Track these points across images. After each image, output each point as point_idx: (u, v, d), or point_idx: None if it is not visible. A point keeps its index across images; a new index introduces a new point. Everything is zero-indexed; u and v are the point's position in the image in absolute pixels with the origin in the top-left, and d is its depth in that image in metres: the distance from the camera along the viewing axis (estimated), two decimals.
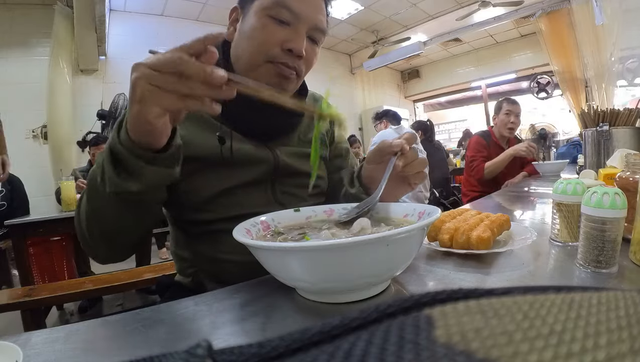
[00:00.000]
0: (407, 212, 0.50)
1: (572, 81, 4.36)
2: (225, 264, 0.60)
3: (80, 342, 0.35)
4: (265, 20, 0.56)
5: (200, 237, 0.61)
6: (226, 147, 0.59)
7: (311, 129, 0.70)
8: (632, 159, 0.52)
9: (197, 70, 0.36)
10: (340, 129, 0.79)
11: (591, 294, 0.10)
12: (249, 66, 0.59)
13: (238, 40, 0.61)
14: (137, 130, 0.41)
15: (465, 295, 0.11)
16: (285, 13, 0.56)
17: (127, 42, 4.07)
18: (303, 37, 0.57)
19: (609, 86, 3.79)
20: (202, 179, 0.59)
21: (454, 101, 7.13)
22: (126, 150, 0.42)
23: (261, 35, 0.57)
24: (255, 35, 0.57)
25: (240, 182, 0.60)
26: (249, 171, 0.61)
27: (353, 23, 4.89)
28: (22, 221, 1.73)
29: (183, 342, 0.34)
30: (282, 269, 0.37)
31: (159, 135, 0.42)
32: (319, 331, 0.10)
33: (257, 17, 0.57)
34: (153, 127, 0.40)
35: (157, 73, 0.37)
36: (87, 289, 1.49)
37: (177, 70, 0.36)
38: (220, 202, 0.59)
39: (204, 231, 0.61)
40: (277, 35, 0.56)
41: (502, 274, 0.45)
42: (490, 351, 0.08)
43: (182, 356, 0.10)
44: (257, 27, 0.57)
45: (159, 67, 0.37)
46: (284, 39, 0.56)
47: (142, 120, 0.39)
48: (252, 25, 0.57)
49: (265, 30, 0.56)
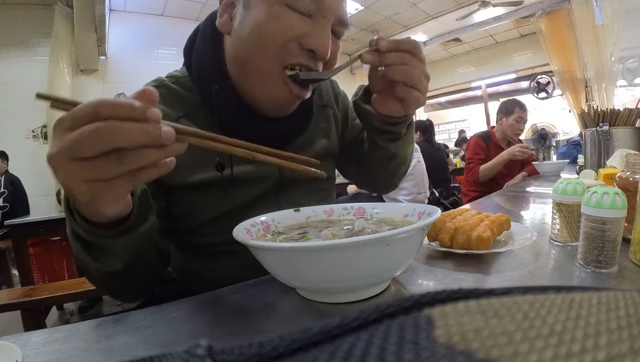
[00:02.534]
0: (407, 212, 0.50)
1: (572, 81, 4.36)
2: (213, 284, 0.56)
3: (80, 342, 0.35)
4: (279, 9, 0.43)
5: (199, 260, 0.57)
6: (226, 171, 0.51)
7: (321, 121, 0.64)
8: (632, 159, 0.52)
9: (141, 138, 0.26)
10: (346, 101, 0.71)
11: (591, 294, 0.10)
12: (254, 72, 0.47)
13: (238, 33, 0.47)
14: (91, 218, 0.34)
15: (465, 295, 0.11)
16: (307, 2, 0.43)
17: (127, 42, 4.08)
18: (329, 33, 0.45)
19: (609, 86, 3.79)
20: (199, 202, 0.52)
21: (454, 101, 7.13)
22: (88, 233, 0.36)
23: (274, 27, 0.43)
24: (265, 26, 0.44)
25: (242, 203, 0.54)
26: (252, 190, 0.54)
27: (353, 23, 4.89)
28: (22, 221, 1.74)
29: (183, 342, 0.34)
30: (282, 269, 0.37)
31: (119, 213, 0.34)
32: (319, 331, 0.10)
33: (268, 3, 0.44)
34: (110, 215, 0.34)
35: (90, 164, 0.26)
36: (87, 289, 1.49)
37: (113, 148, 0.26)
38: (220, 226, 0.52)
39: (203, 252, 0.56)
40: (295, 28, 0.44)
41: (502, 274, 0.45)
42: (490, 351, 0.08)
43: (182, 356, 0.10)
44: (267, 17, 0.43)
45: (87, 153, 0.26)
46: (304, 33, 0.44)
47: (92, 214, 0.33)
48: (260, 14, 0.44)
49: (280, 21, 0.43)
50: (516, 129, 2.00)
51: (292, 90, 0.48)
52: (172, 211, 0.52)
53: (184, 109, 0.52)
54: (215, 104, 0.50)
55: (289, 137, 0.56)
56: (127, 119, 0.26)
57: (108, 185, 0.28)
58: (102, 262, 0.38)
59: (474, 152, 2.03)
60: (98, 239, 0.36)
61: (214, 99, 0.49)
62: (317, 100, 0.64)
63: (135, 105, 0.26)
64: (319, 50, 0.45)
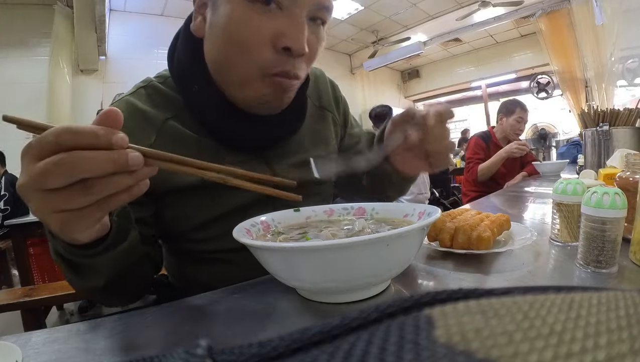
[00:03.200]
0: (407, 212, 0.50)
1: (572, 81, 4.36)
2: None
3: (80, 342, 0.35)
4: (244, 7, 0.40)
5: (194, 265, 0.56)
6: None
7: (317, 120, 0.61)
8: (632, 159, 0.52)
9: (107, 166, 0.25)
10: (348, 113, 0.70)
11: (591, 294, 0.10)
12: (235, 80, 0.45)
13: (211, 37, 0.45)
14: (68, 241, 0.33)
15: (465, 295, 0.11)
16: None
17: (127, 42, 4.08)
18: (303, 25, 0.41)
19: (609, 86, 3.79)
20: (190, 206, 0.50)
21: (454, 101, 7.12)
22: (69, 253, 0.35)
23: (243, 31, 0.40)
24: (233, 31, 0.41)
25: (236, 206, 0.51)
26: (242, 193, 0.49)
27: (353, 23, 4.89)
28: (22, 221, 1.73)
29: (183, 342, 0.34)
30: (282, 269, 0.37)
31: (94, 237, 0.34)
32: (319, 331, 0.10)
33: (232, 2, 0.41)
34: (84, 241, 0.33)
35: (58, 195, 0.26)
36: None
37: (78, 179, 0.25)
38: (213, 230, 0.51)
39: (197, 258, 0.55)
40: (263, 29, 0.40)
41: (502, 274, 0.45)
42: (491, 351, 0.08)
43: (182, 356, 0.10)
44: (234, 19, 0.40)
45: (53, 184, 0.25)
46: (276, 33, 0.41)
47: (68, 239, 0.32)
48: (227, 14, 0.41)
49: (248, 24, 0.40)
50: (517, 129, 2.00)
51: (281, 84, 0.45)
52: (163, 216, 0.51)
53: (171, 110, 0.50)
54: (195, 104, 0.48)
55: (278, 137, 0.53)
56: (91, 147, 0.25)
57: (78, 214, 0.27)
58: (85, 280, 0.38)
59: (473, 151, 2.04)
60: (79, 259, 0.36)
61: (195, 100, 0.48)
62: (314, 99, 0.62)
63: (99, 133, 0.25)
64: (294, 48, 0.41)
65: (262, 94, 0.45)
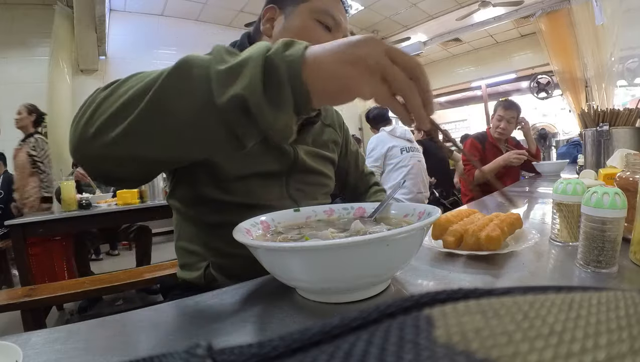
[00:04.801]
0: (407, 212, 0.50)
1: (572, 81, 4.36)
2: (237, 259, 0.59)
3: (80, 342, 0.35)
4: (312, 24, 0.61)
5: (213, 230, 0.62)
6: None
7: (323, 132, 0.77)
8: (632, 159, 0.52)
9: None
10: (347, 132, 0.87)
11: (591, 294, 0.10)
12: None
13: (280, 34, 0.63)
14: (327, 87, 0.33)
15: (465, 295, 0.11)
16: (330, 20, 0.61)
17: (127, 42, 4.08)
18: None
19: (609, 86, 3.79)
20: (224, 159, 0.59)
21: (454, 101, 7.12)
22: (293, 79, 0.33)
23: (310, 36, 0.59)
24: (304, 34, 0.60)
25: (259, 171, 0.61)
26: (269, 162, 0.62)
27: (353, 23, 4.89)
28: (22, 221, 1.73)
29: (183, 342, 0.34)
30: (282, 269, 0.37)
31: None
32: (319, 331, 0.10)
33: (304, 18, 0.61)
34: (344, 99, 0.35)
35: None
36: (87, 289, 1.49)
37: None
38: (237, 187, 0.60)
39: (216, 221, 0.61)
40: (323, 39, 0.57)
41: (502, 274, 0.45)
42: (491, 351, 0.08)
43: (182, 356, 0.10)
44: (305, 28, 0.61)
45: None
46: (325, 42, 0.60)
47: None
48: (299, 25, 0.61)
49: (315, 33, 0.60)
50: (497, 128, 2.01)
51: None
52: (199, 165, 0.56)
53: None
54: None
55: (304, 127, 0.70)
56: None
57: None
58: (272, 105, 0.33)
59: (470, 153, 2.04)
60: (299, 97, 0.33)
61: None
62: (322, 117, 0.77)
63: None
64: None
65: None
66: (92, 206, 1.91)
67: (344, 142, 0.86)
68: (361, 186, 0.92)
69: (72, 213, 1.80)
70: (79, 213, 1.80)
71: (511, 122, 2.00)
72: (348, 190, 0.92)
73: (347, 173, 0.89)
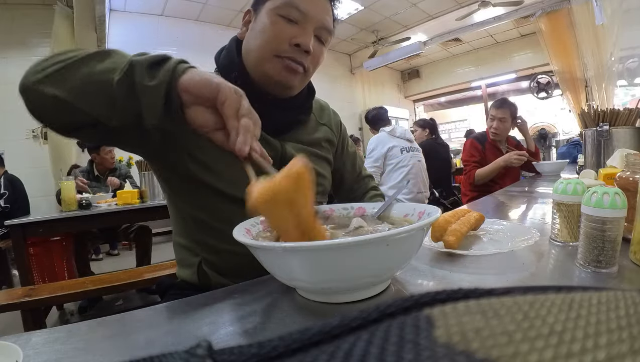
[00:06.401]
0: (407, 212, 0.50)
1: (572, 81, 4.36)
2: (226, 255, 0.60)
3: (80, 342, 0.35)
4: (275, 19, 0.60)
5: (201, 225, 0.62)
6: None
7: (316, 130, 0.75)
8: (632, 159, 0.52)
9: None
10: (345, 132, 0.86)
11: (591, 294, 0.10)
12: (258, 60, 0.62)
13: (249, 37, 0.64)
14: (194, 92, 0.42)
15: (465, 295, 0.11)
16: (295, 12, 0.60)
17: (127, 42, 4.08)
18: (310, 34, 0.61)
19: (609, 86, 3.79)
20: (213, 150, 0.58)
21: (454, 101, 7.13)
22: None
23: (271, 31, 0.60)
24: (266, 31, 0.60)
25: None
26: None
27: (353, 23, 4.89)
28: (22, 221, 1.73)
29: (183, 342, 0.34)
30: (282, 269, 0.37)
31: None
32: (319, 331, 0.10)
33: (268, 15, 0.60)
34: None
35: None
36: (87, 289, 1.49)
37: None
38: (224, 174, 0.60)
39: (205, 215, 0.61)
40: (286, 32, 0.60)
41: (502, 274, 0.45)
42: (491, 351, 0.08)
43: (182, 356, 0.10)
44: (267, 25, 0.60)
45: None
46: (292, 35, 0.60)
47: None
48: (263, 23, 0.61)
49: (275, 27, 0.60)
50: (491, 128, 2.01)
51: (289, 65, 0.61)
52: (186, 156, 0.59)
53: None
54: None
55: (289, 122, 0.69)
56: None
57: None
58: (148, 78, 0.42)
59: (469, 154, 2.04)
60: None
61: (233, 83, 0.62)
62: (317, 117, 0.77)
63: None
64: (302, 44, 0.59)
65: (275, 72, 0.61)
66: (92, 206, 1.91)
67: (340, 142, 0.84)
68: (357, 189, 0.90)
69: (72, 213, 1.80)
70: (79, 213, 1.80)
71: (504, 121, 1.99)
72: (343, 191, 0.90)
73: (342, 174, 0.87)
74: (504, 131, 2.02)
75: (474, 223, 0.60)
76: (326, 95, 0.88)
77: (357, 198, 0.89)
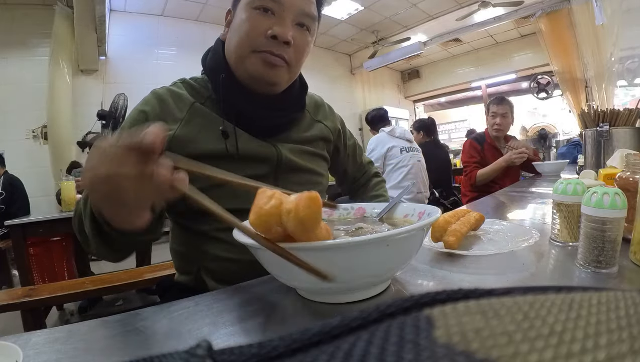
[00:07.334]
0: (407, 212, 0.50)
1: (572, 81, 4.36)
2: (225, 263, 0.59)
3: (80, 342, 0.35)
4: (250, 13, 0.57)
5: (200, 235, 0.61)
6: (231, 142, 0.59)
7: (311, 128, 0.73)
8: (632, 159, 0.52)
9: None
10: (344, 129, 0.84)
11: (591, 294, 0.10)
12: (238, 59, 0.60)
13: (229, 36, 0.62)
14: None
15: (465, 295, 0.11)
16: (269, 2, 0.57)
17: (127, 42, 4.08)
18: (287, 23, 0.58)
19: (609, 86, 3.79)
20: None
21: (454, 101, 7.12)
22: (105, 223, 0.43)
23: (246, 26, 0.57)
24: (242, 27, 0.58)
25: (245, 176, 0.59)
26: (252, 167, 0.61)
27: (353, 23, 4.89)
28: (22, 221, 1.73)
29: (183, 342, 0.34)
30: (281, 269, 0.37)
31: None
32: (319, 331, 0.10)
33: (244, 10, 0.58)
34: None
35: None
36: (87, 289, 1.49)
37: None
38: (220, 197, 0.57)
39: (205, 229, 0.60)
40: (261, 25, 0.57)
41: (502, 274, 0.45)
42: (491, 351, 0.08)
43: (182, 356, 0.10)
44: (243, 20, 0.58)
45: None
46: (268, 27, 0.57)
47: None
48: (240, 19, 0.59)
49: (250, 21, 0.57)
50: (493, 125, 2.00)
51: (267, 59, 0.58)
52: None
53: (200, 98, 0.64)
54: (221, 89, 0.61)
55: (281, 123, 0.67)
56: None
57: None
58: (112, 249, 0.48)
59: (469, 155, 2.04)
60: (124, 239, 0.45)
61: (221, 86, 0.61)
62: (312, 114, 0.75)
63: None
64: (278, 35, 0.56)
65: (254, 69, 0.59)
66: None
67: (339, 137, 0.82)
68: (360, 177, 0.90)
69: (72, 213, 1.79)
70: None
71: (506, 116, 1.99)
72: (347, 182, 0.90)
73: (346, 168, 0.86)
74: (506, 127, 2.02)
75: (474, 223, 0.59)
76: (326, 96, 0.87)
77: (362, 186, 0.90)
